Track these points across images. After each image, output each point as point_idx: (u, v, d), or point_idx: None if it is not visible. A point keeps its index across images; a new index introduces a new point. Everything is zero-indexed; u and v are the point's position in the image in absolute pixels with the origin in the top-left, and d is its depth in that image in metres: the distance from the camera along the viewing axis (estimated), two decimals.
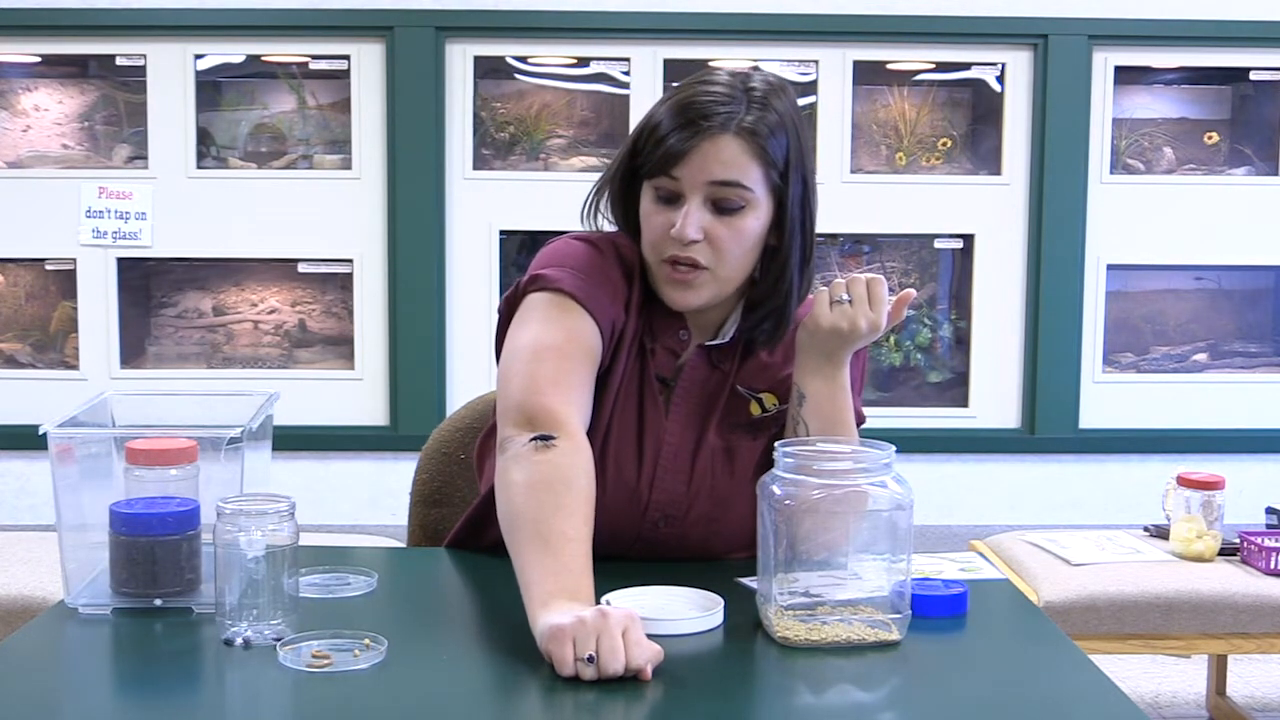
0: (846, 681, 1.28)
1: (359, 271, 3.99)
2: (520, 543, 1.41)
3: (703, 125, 1.52)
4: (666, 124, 1.55)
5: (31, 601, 2.57)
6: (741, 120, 1.53)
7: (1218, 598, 2.63)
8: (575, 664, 1.23)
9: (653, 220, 1.58)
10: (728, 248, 1.56)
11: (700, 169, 1.53)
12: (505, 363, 1.58)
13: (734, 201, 1.55)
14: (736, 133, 1.53)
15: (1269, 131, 4.13)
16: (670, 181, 1.55)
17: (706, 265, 1.56)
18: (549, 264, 1.61)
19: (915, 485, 1.39)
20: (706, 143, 1.52)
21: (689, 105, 1.54)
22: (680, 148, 1.53)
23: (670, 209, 1.56)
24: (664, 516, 1.64)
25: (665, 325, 1.65)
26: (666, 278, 1.58)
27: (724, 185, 1.54)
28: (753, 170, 1.54)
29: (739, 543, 1.68)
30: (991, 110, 4.07)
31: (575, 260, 1.61)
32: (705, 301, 1.60)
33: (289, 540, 1.35)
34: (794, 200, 1.59)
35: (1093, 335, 4.03)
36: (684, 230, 1.53)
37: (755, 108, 1.55)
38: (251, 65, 4.07)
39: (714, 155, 1.53)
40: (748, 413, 1.66)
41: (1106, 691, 1.24)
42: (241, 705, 1.25)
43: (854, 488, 1.35)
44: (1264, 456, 4.04)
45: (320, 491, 3.95)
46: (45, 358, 4.11)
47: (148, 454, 1.46)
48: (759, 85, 1.57)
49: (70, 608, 1.46)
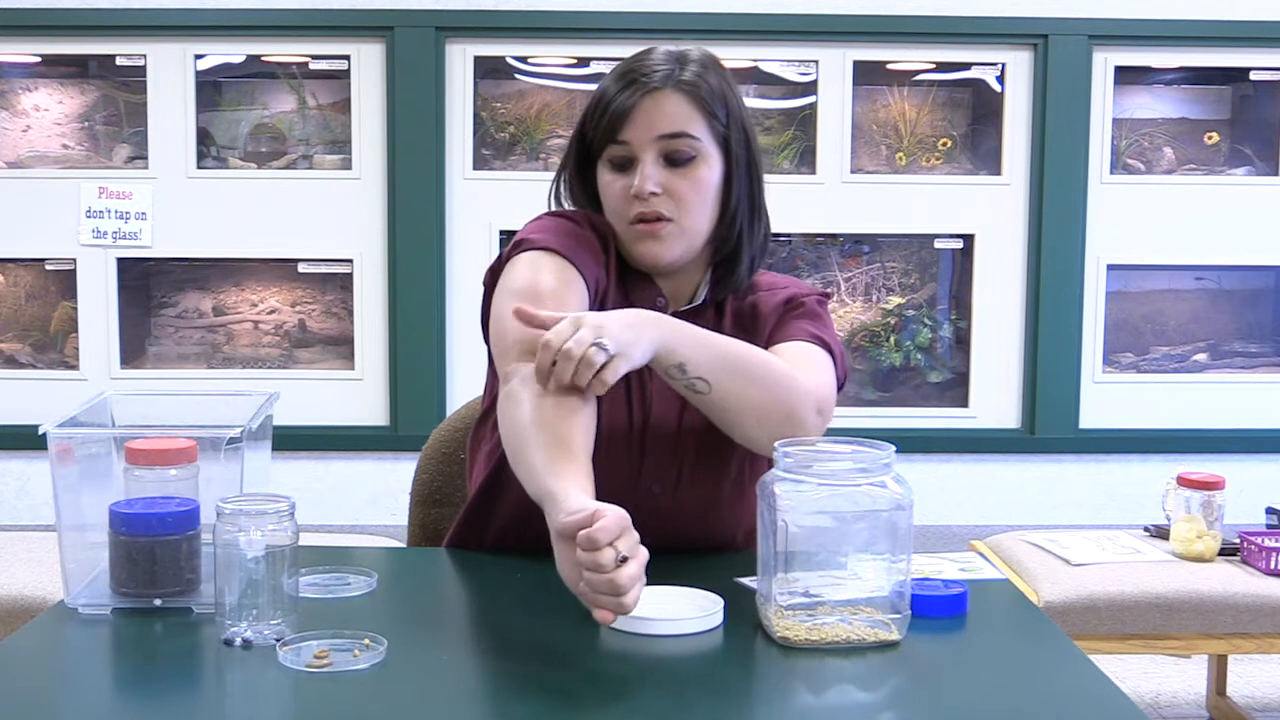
0: (846, 681, 1.28)
1: (359, 271, 3.99)
2: (532, 448, 1.40)
3: (644, 83, 1.61)
4: (610, 91, 1.63)
5: (31, 601, 2.57)
6: (680, 77, 1.62)
7: (1218, 598, 2.63)
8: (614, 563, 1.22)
9: (612, 189, 1.64)
10: (687, 197, 1.62)
11: (646, 126, 1.60)
12: (498, 308, 1.59)
13: (685, 152, 1.62)
14: (676, 87, 1.62)
15: (1269, 131, 4.13)
16: (620, 148, 1.62)
17: (670, 217, 1.62)
18: (530, 234, 1.65)
19: (915, 485, 1.40)
20: (648, 100, 1.61)
21: (628, 71, 1.63)
22: (625, 106, 1.60)
23: (625, 175, 1.63)
24: (658, 481, 1.66)
25: (641, 294, 1.69)
26: (635, 235, 1.64)
27: (672, 138, 1.61)
28: (697, 121, 1.62)
29: (735, 518, 1.70)
30: (991, 110, 4.07)
31: (556, 228, 1.66)
32: (676, 256, 1.65)
33: (289, 540, 1.35)
34: (738, 145, 1.66)
35: (1093, 335, 4.03)
36: (642, 185, 1.60)
37: (693, 68, 1.64)
38: (251, 65, 4.07)
39: (658, 110, 1.61)
40: None
41: (1106, 691, 1.24)
42: (241, 705, 1.25)
43: (854, 488, 1.35)
44: (1264, 456, 4.04)
45: (320, 491, 3.96)
46: (45, 358, 4.11)
47: (147, 454, 1.46)
48: (695, 54, 1.66)
49: (70, 608, 1.46)
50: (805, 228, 4.05)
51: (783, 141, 4.06)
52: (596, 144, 1.65)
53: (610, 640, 1.36)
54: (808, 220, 4.02)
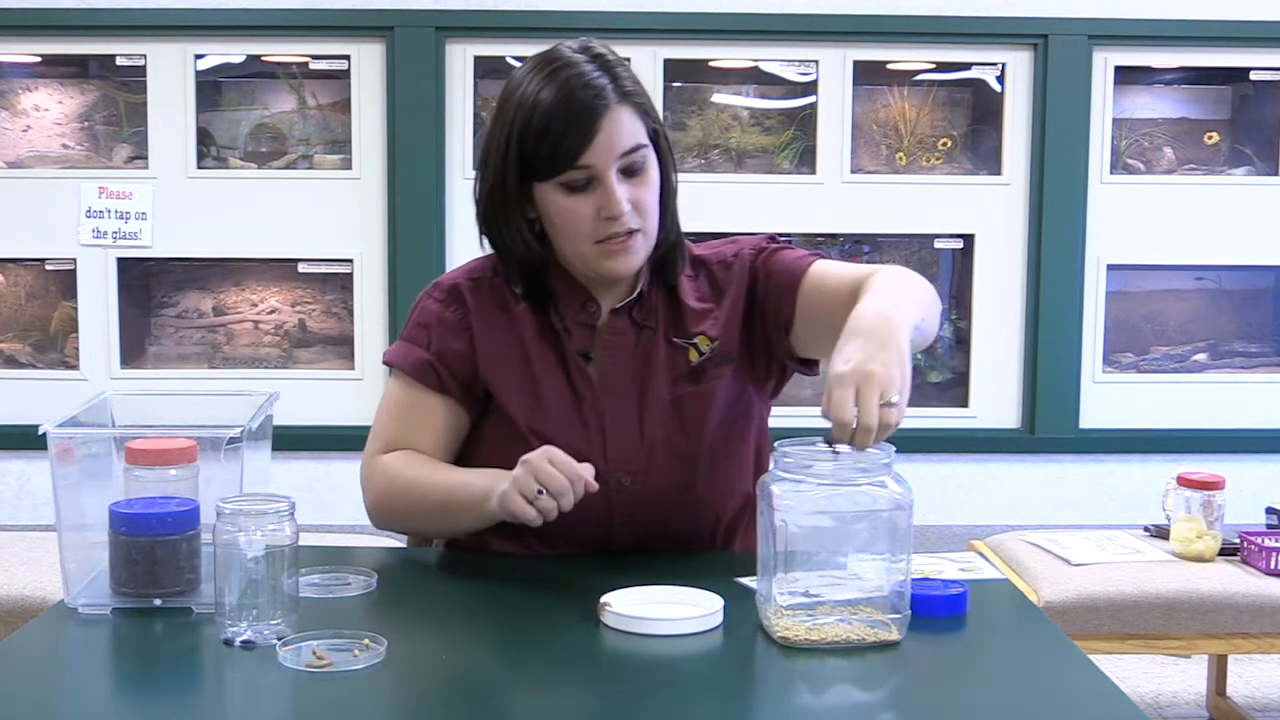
0: (846, 681, 1.28)
1: (359, 271, 3.98)
2: (429, 485, 1.65)
3: (597, 105, 1.58)
4: (557, 122, 1.57)
5: (31, 601, 2.57)
6: (620, 86, 1.60)
7: (1218, 598, 2.63)
8: (536, 509, 1.49)
9: (575, 213, 1.61)
10: (647, 204, 1.63)
11: (608, 148, 1.59)
12: (385, 400, 1.78)
13: (639, 162, 1.62)
14: (622, 99, 1.60)
15: (1269, 131, 4.13)
16: (580, 171, 1.59)
17: (638, 228, 1.63)
18: (397, 352, 1.75)
19: (915, 485, 1.40)
20: (606, 120, 1.58)
21: (570, 96, 1.58)
22: (586, 134, 1.57)
23: (585, 195, 1.61)
24: (625, 473, 1.67)
25: (570, 304, 1.70)
26: (604, 253, 1.63)
27: (631, 152, 1.60)
28: (642, 128, 1.62)
29: (717, 504, 1.71)
30: (991, 110, 4.06)
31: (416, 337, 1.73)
32: (643, 261, 1.67)
33: (289, 540, 1.35)
34: (662, 135, 1.66)
35: (1093, 335, 4.03)
36: (618, 208, 1.59)
37: (621, 71, 1.62)
38: (251, 65, 4.07)
39: (616, 129, 1.59)
40: (688, 361, 1.69)
41: (1106, 691, 1.24)
42: (241, 705, 1.25)
43: (854, 488, 1.35)
44: (1264, 456, 4.03)
45: (320, 491, 3.95)
46: (45, 358, 4.11)
47: (147, 454, 1.47)
48: (609, 55, 1.64)
49: (70, 608, 1.46)
50: (805, 228, 4.05)
51: (783, 141, 4.06)
52: (545, 169, 1.60)
53: (610, 640, 1.36)
54: (808, 220, 4.02)
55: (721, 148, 4.07)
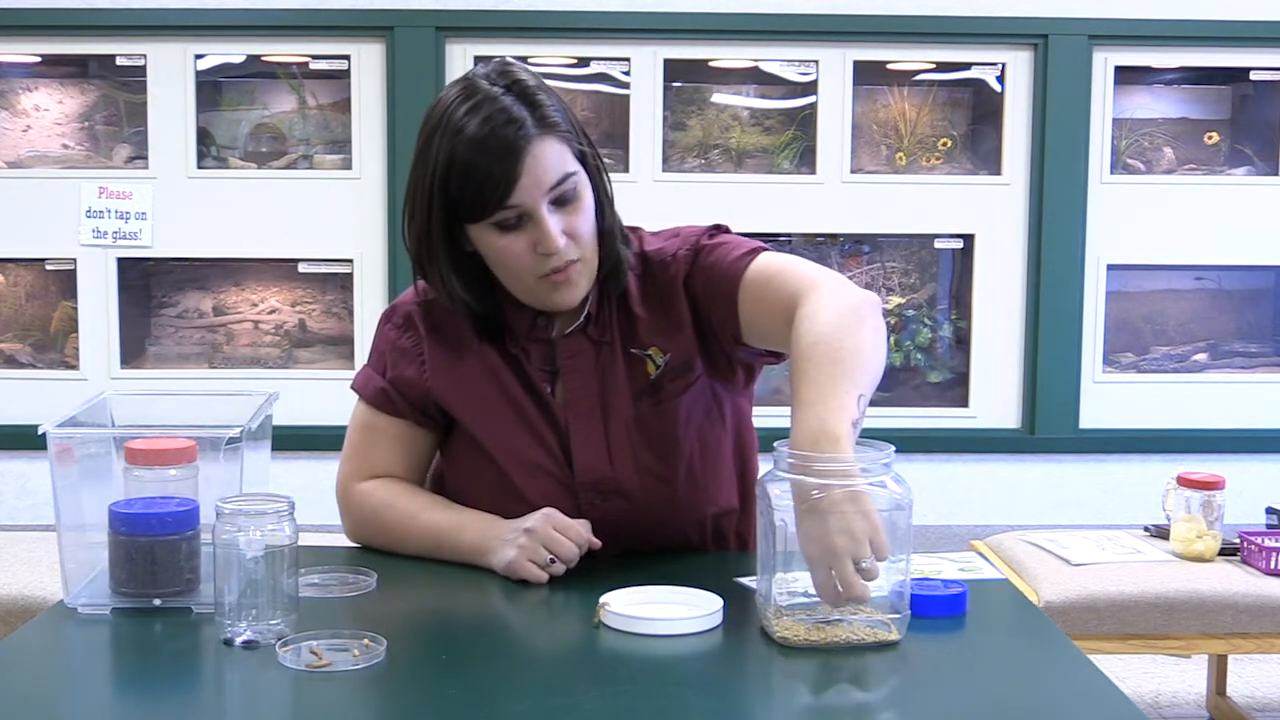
0: (846, 681, 1.28)
1: (359, 271, 3.99)
2: (413, 526, 1.69)
3: (519, 142, 1.52)
4: (479, 164, 1.52)
5: (31, 601, 2.57)
6: (540, 118, 1.54)
7: (1218, 598, 2.63)
8: (546, 573, 1.54)
9: (511, 251, 1.57)
10: (583, 231, 1.59)
11: (535, 184, 1.54)
12: (352, 425, 1.84)
13: (570, 191, 1.57)
14: (544, 130, 1.54)
15: (1269, 131, 4.13)
16: (509, 211, 1.54)
17: (576, 258, 1.59)
18: (361, 380, 1.79)
19: (915, 485, 1.40)
20: (528, 158, 1.53)
21: (488, 136, 1.52)
22: (511, 174, 1.52)
23: (518, 233, 1.56)
24: (598, 492, 1.66)
25: (521, 322, 1.68)
26: (548, 287, 1.60)
27: (561, 184, 1.56)
28: (569, 155, 1.57)
29: (699, 511, 1.70)
30: (991, 110, 4.06)
31: (374, 350, 1.78)
32: (586, 288, 1.63)
33: (288, 540, 1.35)
34: (591, 154, 1.62)
35: (1093, 335, 4.03)
36: (553, 243, 1.56)
37: (541, 98, 1.56)
38: (251, 65, 4.07)
39: (540, 165, 1.54)
40: (646, 374, 1.68)
41: (1106, 691, 1.24)
42: (241, 705, 1.25)
43: (853, 488, 1.35)
44: (1264, 456, 4.03)
45: (320, 491, 3.92)
46: (45, 358, 4.11)
47: (147, 454, 1.47)
48: (529, 81, 1.57)
49: (70, 608, 1.46)
50: (805, 228, 4.05)
51: (783, 141, 4.06)
52: (473, 212, 1.56)
53: (610, 640, 1.36)
54: (807, 220, 4.02)
55: (721, 148, 4.07)
